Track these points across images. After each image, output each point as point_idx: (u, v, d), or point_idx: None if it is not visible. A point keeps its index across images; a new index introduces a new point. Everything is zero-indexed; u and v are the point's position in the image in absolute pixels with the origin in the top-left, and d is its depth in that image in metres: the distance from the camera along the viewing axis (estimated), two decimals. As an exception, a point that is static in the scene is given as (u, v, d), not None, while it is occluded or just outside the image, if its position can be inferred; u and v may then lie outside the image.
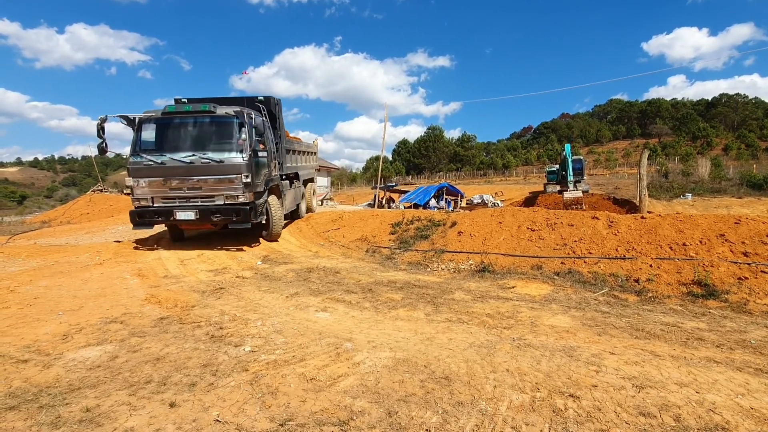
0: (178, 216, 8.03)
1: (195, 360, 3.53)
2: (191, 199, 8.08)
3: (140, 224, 8.27)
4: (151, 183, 8.02)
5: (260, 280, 6.49)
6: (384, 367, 3.38)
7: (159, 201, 8.09)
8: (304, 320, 4.59)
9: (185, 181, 8.00)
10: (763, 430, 2.55)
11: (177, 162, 7.93)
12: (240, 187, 8.08)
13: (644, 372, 3.34)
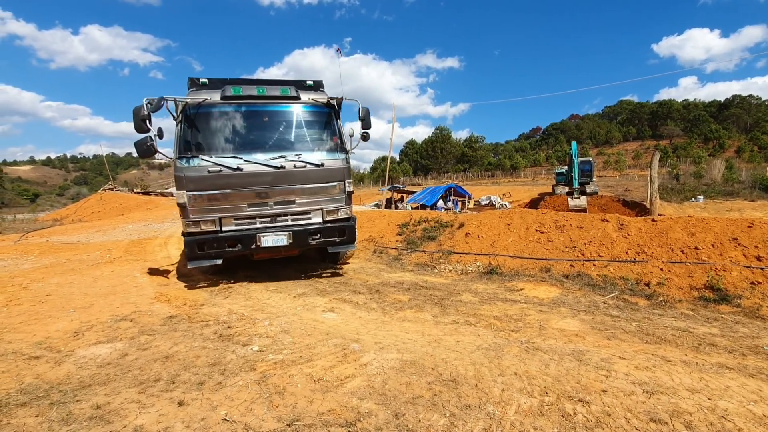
0: (264, 242, 5.78)
1: (203, 359, 3.55)
2: (279, 217, 5.97)
3: (203, 258, 5.67)
4: (221, 198, 5.64)
5: (268, 283, 6.51)
6: (391, 368, 3.37)
7: (231, 223, 5.74)
8: (311, 320, 4.60)
9: (272, 193, 5.85)
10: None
11: (260, 167, 5.71)
12: (342, 197, 6.28)
13: (655, 377, 3.30)
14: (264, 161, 5.77)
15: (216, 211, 5.67)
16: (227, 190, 5.68)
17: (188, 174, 5.56)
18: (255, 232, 5.79)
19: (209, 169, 5.57)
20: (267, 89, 6.01)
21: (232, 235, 5.73)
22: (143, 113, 5.32)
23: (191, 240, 5.63)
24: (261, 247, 5.80)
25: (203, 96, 5.74)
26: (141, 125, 5.31)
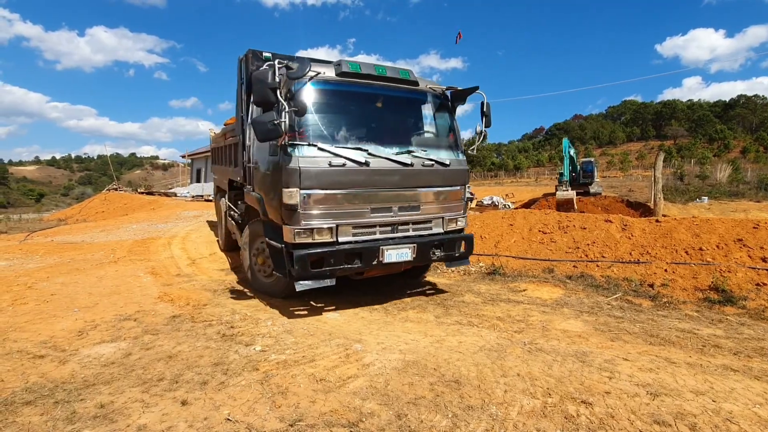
0: (387, 257, 4.67)
1: (206, 358, 3.57)
2: (400, 226, 4.89)
3: (317, 277, 4.46)
4: (341, 200, 4.49)
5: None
6: (393, 369, 3.37)
7: (348, 232, 4.55)
8: (313, 320, 4.61)
9: (399, 196, 4.82)
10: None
11: (388, 163, 4.70)
12: (462, 205, 5.42)
13: (659, 379, 3.28)
14: (392, 156, 4.70)
15: (333, 217, 4.46)
16: (351, 190, 4.52)
17: (305, 167, 4.27)
18: (377, 245, 4.65)
19: (331, 161, 4.39)
20: (388, 71, 4.91)
21: (352, 247, 4.54)
22: (273, 80, 4.16)
23: (304, 254, 4.30)
24: (382, 263, 4.68)
25: (316, 69, 4.51)
26: (267, 96, 4.15)
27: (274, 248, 4.62)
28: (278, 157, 4.46)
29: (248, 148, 5.57)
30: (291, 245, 4.41)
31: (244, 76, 5.58)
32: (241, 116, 5.85)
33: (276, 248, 4.59)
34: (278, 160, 4.45)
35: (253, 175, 5.39)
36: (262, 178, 5.00)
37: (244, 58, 5.52)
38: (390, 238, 4.79)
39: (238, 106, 6.03)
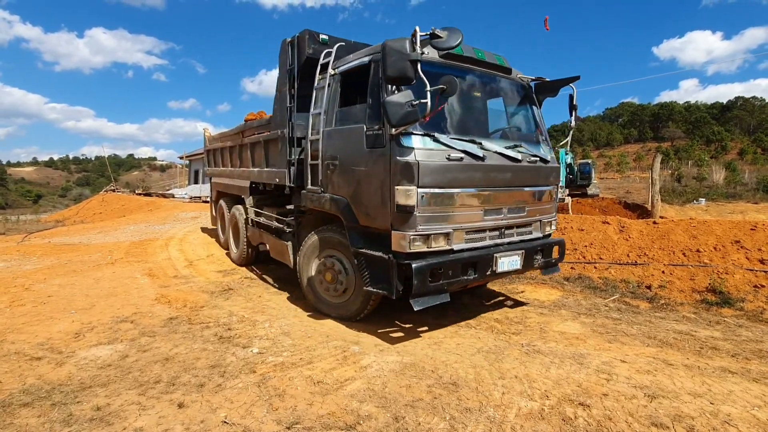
0: (500, 266, 4.19)
1: (203, 361, 3.55)
2: (507, 230, 4.39)
3: (435, 292, 3.88)
4: (457, 200, 3.93)
5: (268, 285, 6.50)
6: (391, 371, 3.36)
7: (461, 238, 3.99)
8: (311, 322, 4.60)
9: (509, 196, 4.34)
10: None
11: (500, 159, 4.20)
12: (554, 206, 5.02)
13: (656, 381, 3.28)
14: (502, 151, 4.21)
15: (448, 220, 3.89)
16: (467, 189, 3.98)
17: (424, 161, 3.66)
18: (491, 252, 4.13)
19: (449, 155, 3.81)
20: (485, 54, 4.46)
21: (470, 255, 4.01)
22: (414, 51, 3.46)
23: (424, 266, 3.67)
24: (495, 273, 4.19)
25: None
26: (405, 71, 3.41)
27: (377, 260, 3.88)
28: (385, 150, 3.77)
29: (312, 142, 4.70)
30: (403, 255, 3.74)
31: (294, 60, 5.11)
32: (288, 107, 5.19)
33: (379, 260, 3.86)
34: (385, 153, 3.77)
35: (323, 174, 4.54)
36: (350, 175, 4.20)
37: (297, 39, 5.04)
38: (499, 245, 4.30)
39: (280, 96, 5.42)
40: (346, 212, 4.23)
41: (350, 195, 4.22)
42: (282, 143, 5.35)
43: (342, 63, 4.55)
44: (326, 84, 4.58)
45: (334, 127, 4.49)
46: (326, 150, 4.53)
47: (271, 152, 5.87)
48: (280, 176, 5.44)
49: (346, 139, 4.30)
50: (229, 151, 7.82)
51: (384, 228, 3.88)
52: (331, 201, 4.45)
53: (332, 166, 4.43)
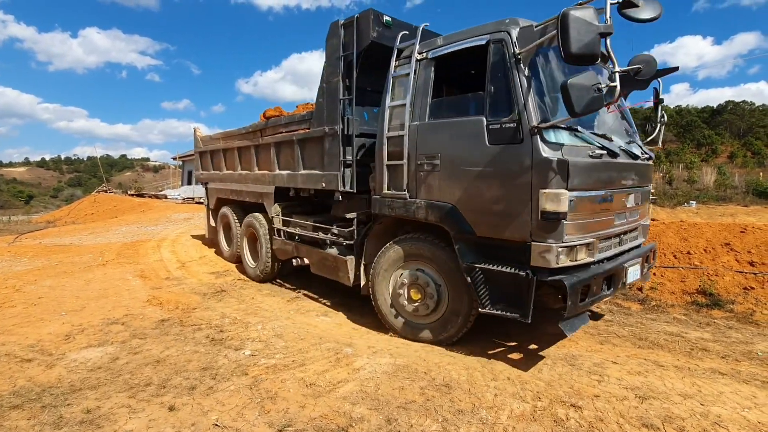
0: (629, 277, 3.78)
1: (195, 363, 3.53)
2: (623, 236, 3.94)
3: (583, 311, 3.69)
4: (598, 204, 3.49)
5: (262, 285, 6.48)
6: (384, 373, 3.36)
7: (597, 248, 3.48)
8: (304, 324, 4.59)
9: (632, 197, 3.93)
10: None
11: (624, 156, 3.77)
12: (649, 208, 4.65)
13: (647, 382, 3.31)
14: (625, 147, 3.81)
15: (588, 228, 3.39)
16: (608, 191, 3.56)
17: (573, 159, 3.17)
18: (621, 262, 3.72)
19: (591, 153, 3.38)
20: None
21: (609, 267, 3.56)
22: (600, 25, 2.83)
23: (576, 282, 3.18)
24: (624, 285, 3.80)
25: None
26: (592, 47, 2.80)
27: (504, 277, 3.35)
28: (522, 146, 3.21)
29: (390, 139, 4.05)
30: (546, 271, 3.21)
31: (352, 44, 4.43)
32: (341, 99, 4.56)
33: (509, 277, 3.32)
34: (523, 150, 3.21)
35: (410, 177, 3.93)
36: (459, 177, 3.60)
37: (357, 20, 4.45)
38: (621, 253, 3.86)
39: (328, 87, 4.76)
40: (452, 221, 3.64)
41: (460, 200, 3.61)
42: (331, 142, 4.72)
43: (434, 47, 3.92)
44: (411, 71, 3.95)
45: (428, 121, 3.84)
46: (417, 147, 3.86)
47: (311, 152, 5.17)
48: (328, 180, 4.78)
49: (453, 134, 3.67)
50: (238, 152, 6.88)
51: (519, 239, 3.29)
52: (428, 208, 3.81)
53: (428, 167, 3.81)
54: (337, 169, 4.65)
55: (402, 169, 3.99)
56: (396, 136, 4.03)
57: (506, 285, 3.38)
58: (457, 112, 3.90)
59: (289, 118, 5.70)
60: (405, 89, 4.02)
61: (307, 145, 5.26)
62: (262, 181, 6.21)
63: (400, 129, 4.00)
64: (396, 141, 4.03)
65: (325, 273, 5.10)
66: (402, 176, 4.00)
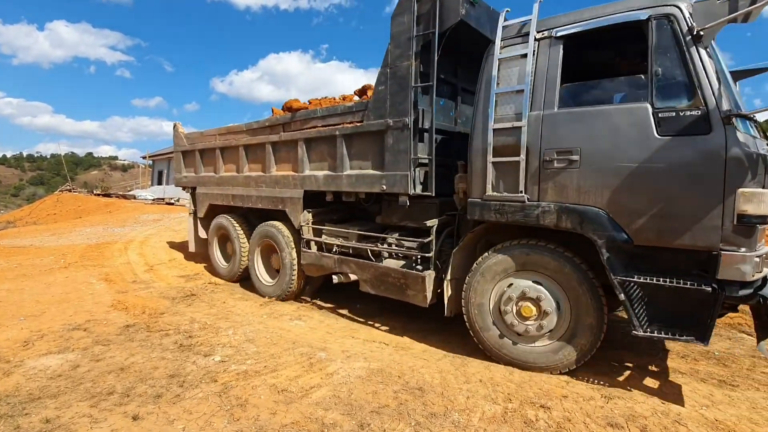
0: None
1: (161, 370, 3.42)
2: None
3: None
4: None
5: (234, 287, 6.35)
6: (358, 377, 3.34)
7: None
8: (277, 329, 4.51)
9: None
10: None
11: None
12: None
13: (613, 382, 3.41)
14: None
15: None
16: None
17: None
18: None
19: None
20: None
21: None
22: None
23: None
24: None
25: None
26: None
27: (688, 293, 2.86)
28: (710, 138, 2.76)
29: (500, 131, 3.52)
30: (738, 285, 2.78)
31: (434, 23, 3.86)
32: (413, 87, 3.97)
33: (694, 293, 2.84)
34: (711, 142, 2.76)
35: (532, 176, 3.41)
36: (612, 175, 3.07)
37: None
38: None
39: (393, 72, 4.12)
40: (599, 227, 3.14)
41: (611, 202, 3.10)
42: (397, 137, 4.08)
43: (560, 24, 3.39)
44: (530, 52, 3.42)
45: (558, 110, 3.30)
46: (543, 141, 3.34)
47: (363, 149, 4.50)
48: (391, 182, 4.15)
49: (601, 124, 3.14)
50: (244, 151, 5.99)
51: (703, 247, 2.84)
52: (562, 212, 3.27)
53: (560, 163, 3.27)
54: (406, 168, 4.01)
55: (517, 167, 3.43)
56: (508, 128, 3.47)
57: (678, 302, 2.92)
58: (600, 99, 3.32)
59: (328, 109, 4.90)
60: (518, 73, 3.48)
61: (358, 140, 4.53)
62: (284, 183, 5.38)
63: (515, 119, 3.44)
64: (508, 133, 3.48)
65: (384, 292, 4.38)
66: (517, 175, 3.44)
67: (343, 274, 4.82)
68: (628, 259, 3.11)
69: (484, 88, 3.66)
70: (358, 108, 4.55)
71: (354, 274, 4.70)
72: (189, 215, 7.38)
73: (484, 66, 3.71)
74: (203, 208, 6.92)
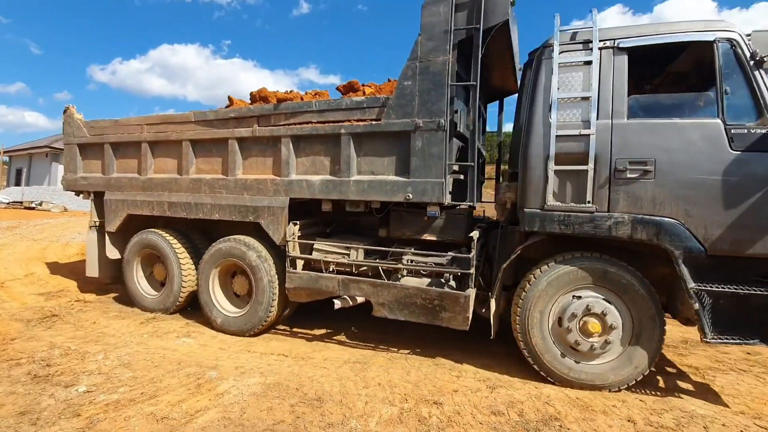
0: None
1: (9, 408, 2.86)
2: None
3: None
4: None
5: (109, 304, 5.60)
6: (252, 394, 3.16)
7: None
8: (160, 349, 4.07)
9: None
10: (587, 416, 3.01)
11: None
12: None
13: (496, 374, 3.72)
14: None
15: None
16: None
17: None
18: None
19: None
20: None
21: None
22: None
23: None
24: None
25: None
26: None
27: (757, 299, 3.05)
28: None
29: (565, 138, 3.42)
30: None
31: (478, 18, 3.69)
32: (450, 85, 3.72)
33: (762, 299, 3.04)
34: None
35: (602, 186, 3.35)
36: (689, 187, 3.17)
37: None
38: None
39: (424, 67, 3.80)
40: (676, 238, 3.19)
41: (687, 213, 3.18)
42: (429, 140, 3.76)
43: (624, 36, 3.42)
44: (595, 59, 3.42)
45: (628, 120, 3.34)
46: (614, 151, 3.32)
47: (379, 151, 4.04)
48: (419, 190, 3.80)
49: (675, 137, 3.21)
50: (191, 146, 4.90)
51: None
52: (637, 224, 3.27)
53: (634, 174, 3.28)
54: (440, 175, 3.72)
55: (583, 176, 3.37)
56: (575, 135, 3.41)
57: (743, 308, 3.08)
58: (669, 111, 3.37)
59: (328, 102, 4.26)
60: (580, 80, 3.46)
61: (372, 141, 4.04)
62: (258, 189, 4.50)
63: (582, 127, 3.40)
64: (574, 141, 3.41)
65: (408, 315, 3.92)
66: (584, 184, 3.37)
67: (349, 297, 4.12)
68: (701, 269, 3.18)
69: (542, 93, 3.55)
70: (371, 104, 4.04)
71: (365, 297, 4.08)
72: (90, 229, 5.74)
73: (538, 69, 3.61)
74: (117, 219, 5.38)
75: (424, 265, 3.95)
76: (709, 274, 3.16)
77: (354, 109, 4.10)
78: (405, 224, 4.15)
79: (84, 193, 5.85)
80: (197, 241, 5.29)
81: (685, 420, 2.99)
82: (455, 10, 3.73)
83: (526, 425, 2.87)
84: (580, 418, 2.97)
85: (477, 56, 3.71)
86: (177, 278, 5.02)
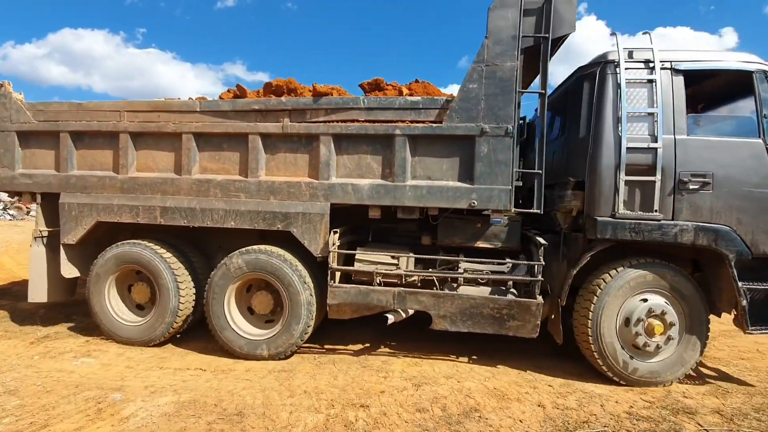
0: None
1: None
2: None
3: None
4: None
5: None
6: (163, 415, 2.91)
7: None
8: (54, 371, 3.61)
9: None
10: (503, 405, 3.21)
11: None
12: None
13: (422, 371, 3.83)
14: None
15: None
16: None
17: None
18: None
19: None
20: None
21: None
22: None
23: None
24: None
25: None
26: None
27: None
28: None
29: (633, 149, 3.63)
30: None
31: (547, 26, 3.75)
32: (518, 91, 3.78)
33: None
34: None
35: (666, 196, 3.65)
36: (739, 198, 3.60)
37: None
38: None
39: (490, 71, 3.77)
40: (730, 243, 3.58)
41: (738, 221, 3.59)
42: (495, 145, 3.71)
43: (679, 59, 3.76)
44: (657, 78, 3.68)
45: (689, 136, 3.68)
46: (678, 164, 3.63)
47: (439, 155, 3.86)
48: (485, 197, 3.75)
49: (728, 153, 3.63)
50: (195, 141, 4.21)
51: None
52: (699, 231, 3.60)
53: (695, 185, 3.62)
54: (507, 182, 3.71)
55: (650, 186, 3.63)
56: (643, 148, 3.64)
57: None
58: (721, 130, 3.89)
59: (379, 100, 3.96)
60: (645, 96, 3.73)
61: (430, 144, 3.87)
62: (289, 194, 4.03)
63: (650, 140, 3.65)
64: (642, 153, 3.65)
65: (473, 326, 3.83)
66: (651, 194, 3.63)
67: (402, 310, 3.92)
68: (747, 270, 3.62)
69: (611, 107, 3.75)
70: (427, 104, 3.88)
71: (425, 309, 3.89)
72: (35, 240, 4.58)
73: (603, 83, 3.80)
74: (80, 228, 4.39)
75: (481, 273, 3.95)
76: (750, 274, 3.63)
77: (408, 109, 3.92)
78: (456, 231, 4.12)
79: (25, 194, 4.69)
80: (190, 254, 4.53)
81: (586, 400, 3.32)
82: (523, 15, 3.78)
83: (449, 419, 2.98)
84: (497, 407, 3.16)
85: (545, 65, 3.82)
86: (172, 301, 4.21)
